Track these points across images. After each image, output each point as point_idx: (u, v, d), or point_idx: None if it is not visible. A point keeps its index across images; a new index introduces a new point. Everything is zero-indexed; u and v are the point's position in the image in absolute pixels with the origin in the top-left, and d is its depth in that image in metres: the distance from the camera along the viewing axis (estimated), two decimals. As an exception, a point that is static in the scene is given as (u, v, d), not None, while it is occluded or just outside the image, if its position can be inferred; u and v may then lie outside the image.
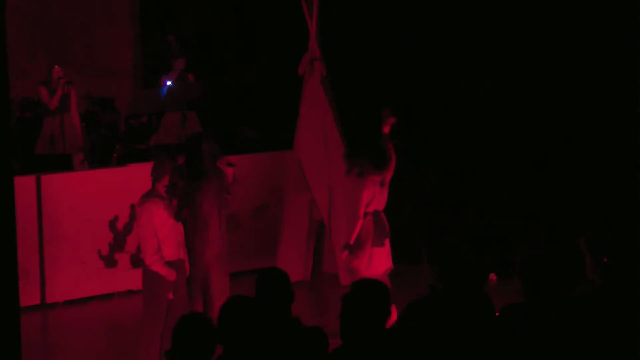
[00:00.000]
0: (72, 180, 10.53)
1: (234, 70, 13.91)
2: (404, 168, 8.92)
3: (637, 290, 5.18)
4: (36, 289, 10.01)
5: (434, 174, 10.95)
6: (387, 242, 8.47)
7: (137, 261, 9.78)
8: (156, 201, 7.61)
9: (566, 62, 10.18)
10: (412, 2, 11.30)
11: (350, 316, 4.62)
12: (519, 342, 4.85)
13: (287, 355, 4.80)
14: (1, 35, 4.39)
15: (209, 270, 8.33)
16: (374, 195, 8.36)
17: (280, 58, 12.41)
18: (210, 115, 12.99)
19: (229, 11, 13.92)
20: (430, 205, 10.89)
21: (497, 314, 5.18)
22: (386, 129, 8.61)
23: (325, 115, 10.44)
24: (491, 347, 4.87)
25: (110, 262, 10.40)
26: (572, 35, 10.09)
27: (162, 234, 7.63)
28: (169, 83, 12.11)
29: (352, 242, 8.37)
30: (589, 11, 9.95)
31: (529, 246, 8.76)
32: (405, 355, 4.57)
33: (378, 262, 8.42)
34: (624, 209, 9.41)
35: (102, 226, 10.33)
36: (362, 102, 11.57)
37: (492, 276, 10.40)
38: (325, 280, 10.73)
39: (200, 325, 4.62)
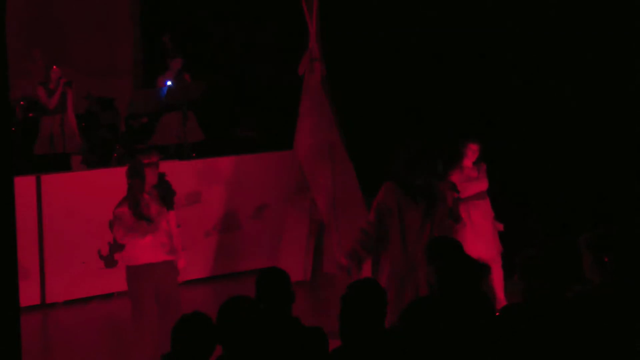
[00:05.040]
0: (72, 180, 10.53)
1: (233, 70, 13.93)
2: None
3: (637, 290, 5.18)
4: (36, 289, 10.02)
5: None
6: None
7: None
8: (127, 204, 7.66)
9: (566, 60, 10.18)
10: (412, 2, 11.30)
11: (348, 316, 4.62)
12: (519, 342, 4.84)
13: (287, 356, 4.80)
14: (1, 35, 4.38)
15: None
16: None
17: (280, 58, 12.42)
18: (210, 116, 13.00)
19: (229, 11, 13.93)
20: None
21: (497, 314, 5.18)
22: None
23: (325, 115, 10.43)
24: (491, 347, 4.87)
25: (110, 262, 10.41)
26: (573, 35, 10.09)
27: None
28: (168, 83, 12.10)
29: None
30: (593, 13, 9.96)
31: (529, 246, 8.76)
32: (405, 355, 4.57)
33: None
34: (624, 208, 9.42)
35: (102, 226, 10.31)
36: (363, 103, 11.58)
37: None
38: (325, 280, 10.73)
39: (200, 325, 4.62)
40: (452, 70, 10.97)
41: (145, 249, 7.66)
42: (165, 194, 7.80)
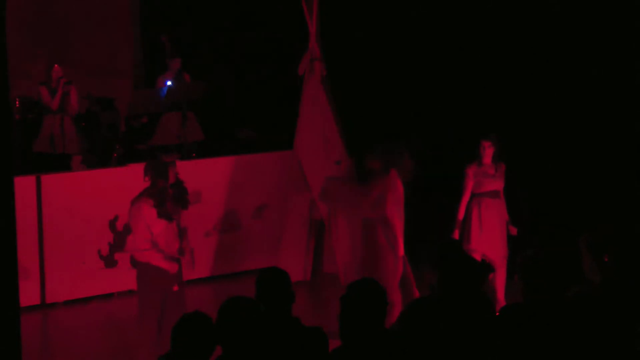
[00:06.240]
0: (72, 180, 10.53)
1: (233, 70, 13.92)
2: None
3: (637, 290, 5.18)
4: (36, 289, 10.02)
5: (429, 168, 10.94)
6: None
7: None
8: (147, 200, 7.65)
9: (565, 60, 10.18)
10: (412, 2, 11.30)
11: (348, 316, 4.62)
12: (519, 342, 4.84)
13: (287, 356, 4.80)
14: (1, 35, 4.39)
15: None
16: None
17: (280, 58, 12.42)
18: (210, 116, 12.99)
19: (229, 11, 13.92)
20: (431, 203, 10.88)
21: (497, 314, 5.18)
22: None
23: (325, 115, 10.42)
24: (491, 347, 4.86)
25: (110, 262, 10.41)
26: (575, 34, 10.09)
27: (154, 231, 7.65)
28: (168, 83, 12.10)
29: None
30: (590, 13, 9.96)
31: (529, 246, 8.76)
32: (405, 355, 4.57)
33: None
34: (624, 208, 9.41)
35: (102, 226, 10.33)
36: (363, 102, 11.58)
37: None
38: (325, 280, 10.73)
39: (200, 325, 4.62)
40: (452, 70, 10.97)
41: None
42: (181, 194, 7.84)
